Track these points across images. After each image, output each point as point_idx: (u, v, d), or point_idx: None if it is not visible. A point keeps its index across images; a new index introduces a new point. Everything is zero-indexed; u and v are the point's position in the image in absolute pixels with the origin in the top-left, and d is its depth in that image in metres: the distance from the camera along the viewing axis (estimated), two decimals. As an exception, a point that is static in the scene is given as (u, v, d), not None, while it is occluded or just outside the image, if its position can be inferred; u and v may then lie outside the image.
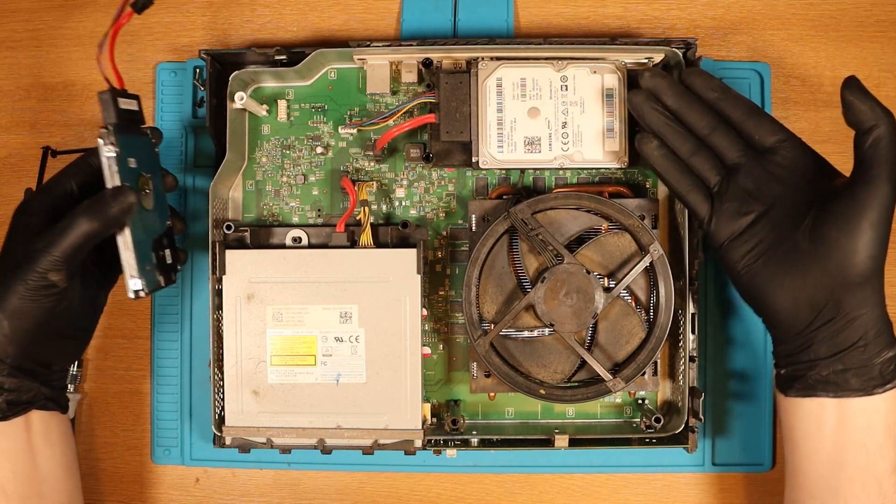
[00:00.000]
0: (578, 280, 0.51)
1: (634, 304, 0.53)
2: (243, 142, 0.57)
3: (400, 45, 0.53)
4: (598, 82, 0.53)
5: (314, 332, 0.52)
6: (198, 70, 0.57)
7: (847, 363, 0.44)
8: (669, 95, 0.48)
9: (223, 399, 0.53)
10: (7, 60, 0.60)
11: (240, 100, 0.53)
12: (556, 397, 0.52)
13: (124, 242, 0.46)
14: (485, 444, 0.54)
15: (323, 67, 0.57)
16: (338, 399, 0.52)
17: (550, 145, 0.53)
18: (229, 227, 0.54)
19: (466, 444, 0.54)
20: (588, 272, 0.51)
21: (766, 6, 0.59)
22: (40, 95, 0.60)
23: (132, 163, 0.47)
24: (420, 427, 0.52)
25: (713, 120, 0.48)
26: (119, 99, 0.47)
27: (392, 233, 0.55)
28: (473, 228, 0.54)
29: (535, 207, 0.52)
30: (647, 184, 0.56)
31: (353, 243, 0.54)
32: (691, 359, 0.53)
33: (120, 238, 0.46)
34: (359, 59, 0.55)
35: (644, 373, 0.53)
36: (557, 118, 0.53)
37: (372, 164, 0.57)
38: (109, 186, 0.45)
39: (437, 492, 0.58)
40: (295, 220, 0.57)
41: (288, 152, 0.57)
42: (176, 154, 0.58)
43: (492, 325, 0.52)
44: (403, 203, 0.57)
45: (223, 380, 0.53)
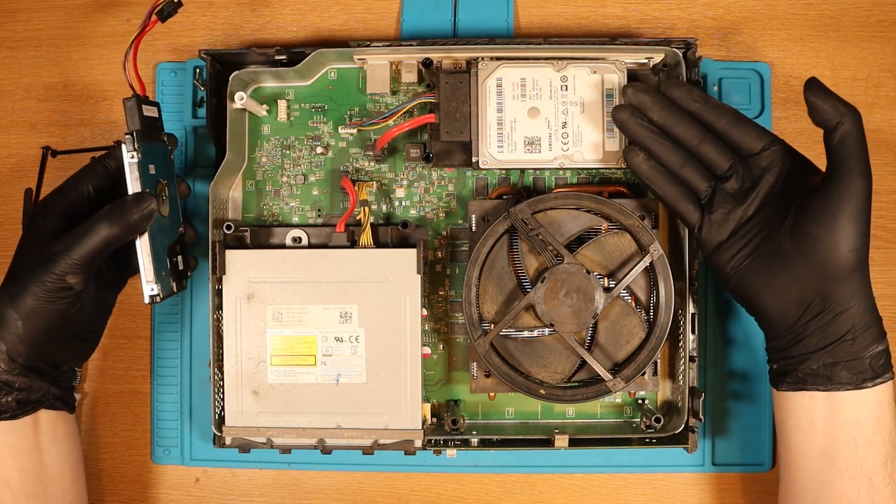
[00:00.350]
0: (578, 280, 0.51)
1: (634, 304, 0.53)
2: (243, 142, 0.57)
3: (400, 45, 0.53)
4: (598, 82, 0.53)
5: (314, 332, 0.52)
6: (198, 70, 0.57)
7: (836, 356, 0.45)
8: (654, 110, 0.48)
9: (223, 399, 0.53)
10: (7, 60, 0.60)
11: (240, 100, 0.53)
12: (556, 397, 0.52)
13: (143, 248, 0.47)
14: (485, 444, 0.54)
15: (323, 67, 0.57)
16: (338, 399, 0.52)
17: (550, 145, 0.53)
18: (229, 227, 0.54)
19: (466, 444, 0.54)
20: (588, 272, 0.51)
21: (766, 6, 0.59)
22: (40, 95, 0.60)
23: (151, 169, 0.48)
24: (420, 427, 0.52)
25: (700, 131, 0.48)
26: (143, 106, 0.47)
27: (392, 233, 0.55)
28: (473, 228, 0.54)
29: (535, 207, 0.52)
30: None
31: (353, 243, 0.54)
32: (691, 359, 0.53)
33: (139, 244, 0.47)
34: (359, 59, 0.55)
35: (644, 373, 0.53)
36: (557, 118, 0.53)
37: (372, 164, 0.57)
38: (131, 192, 0.46)
39: (437, 492, 0.58)
40: (295, 220, 0.57)
41: (288, 152, 0.57)
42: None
43: (492, 325, 0.52)
44: (403, 203, 0.57)
45: (223, 380, 0.53)
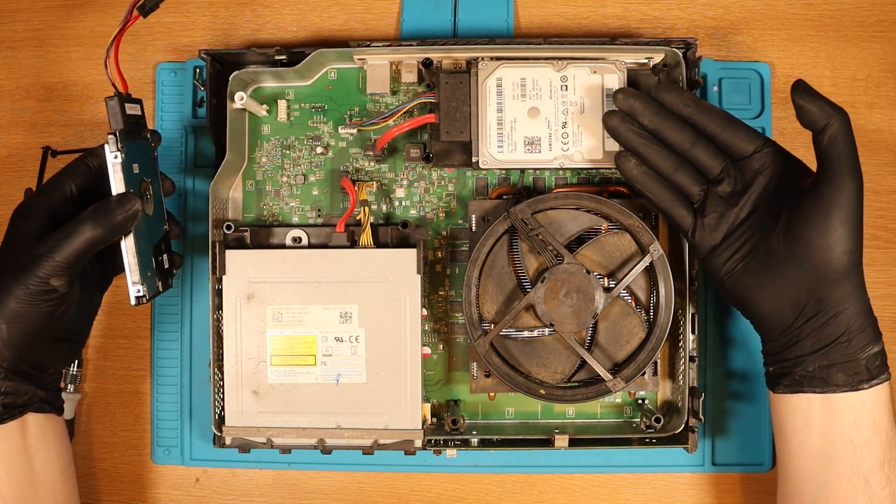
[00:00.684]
0: (578, 280, 0.51)
1: (634, 304, 0.53)
2: (243, 142, 0.57)
3: (400, 45, 0.53)
4: (598, 82, 0.53)
5: (314, 332, 0.52)
6: (198, 70, 0.57)
7: (832, 358, 0.45)
8: (645, 115, 0.48)
9: (223, 399, 0.53)
10: (7, 60, 0.60)
11: (240, 100, 0.53)
12: (556, 397, 0.52)
13: (128, 249, 0.46)
14: (485, 444, 0.54)
15: (323, 67, 0.57)
16: (338, 399, 0.52)
17: (550, 145, 0.53)
18: (229, 227, 0.54)
19: (466, 444, 0.54)
20: (588, 272, 0.51)
21: (766, 6, 0.59)
22: (40, 95, 0.60)
23: (135, 168, 0.47)
24: (420, 427, 0.52)
25: (691, 135, 0.48)
26: (125, 104, 0.47)
27: (392, 233, 0.55)
28: (473, 228, 0.54)
29: (535, 207, 0.52)
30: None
31: (353, 243, 0.54)
32: (691, 359, 0.53)
33: (124, 245, 0.46)
34: (359, 59, 0.55)
35: (644, 373, 0.53)
36: (557, 118, 0.53)
37: (372, 164, 0.57)
38: (115, 193, 0.45)
39: (437, 492, 0.58)
40: (295, 220, 0.57)
41: (288, 152, 0.57)
42: (176, 154, 0.58)
43: (492, 325, 0.52)
44: (403, 203, 0.57)
45: (223, 380, 0.53)
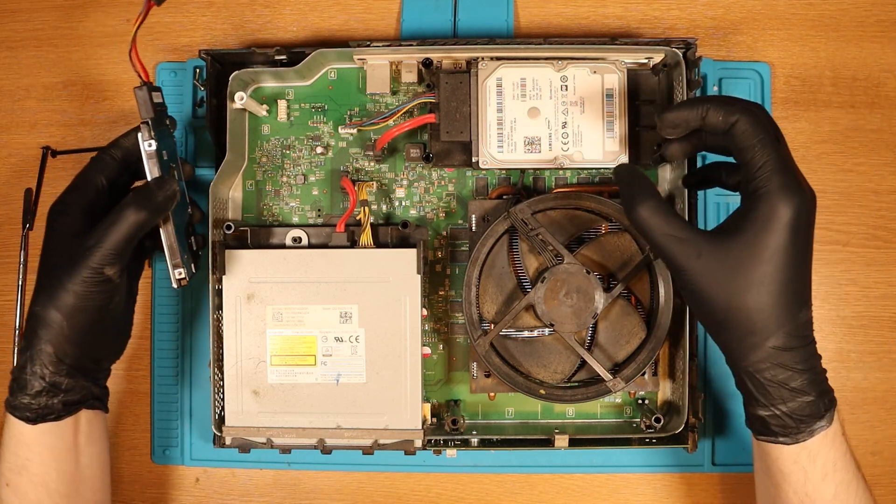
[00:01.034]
0: (578, 280, 0.51)
1: (634, 304, 0.53)
2: (243, 142, 0.57)
3: (400, 45, 0.53)
4: (598, 82, 0.53)
5: (314, 332, 0.52)
6: (198, 70, 0.57)
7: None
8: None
9: (223, 399, 0.53)
10: (7, 60, 0.60)
11: (240, 100, 0.53)
12: (556, 397, 0.52)
13: (167, 232, 0.48)
14: (485, 444, 0.54)
15: (323, 67, 0.57)
16: (338, 399, 0.52)
17: (550, 145, 0.53)
18: (229, 227, 0.54)
19: (466, 444, 0.54)
20: (588, 272, 0.51)
21: (766, 6, 0.59)
22: (40, 95, 0.60)
23: (164, 154, 0.48)
24: (420, 427, 0.52)
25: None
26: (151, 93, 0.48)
27: (392, 233, 0.55)
28: (473, 228, 0.54)
29: (535, 207, 0.52)
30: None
31: (353, 243, 0.54)
32: (691, 359, 0.53)
33: (163, 230, 0.48)
34: (359, 59, 0.55)
35: (644, 373, 0.53)
36: (557, 118, 0.53)
37: (372, 164, 0.57)
38: (150, 178, 0.47)
39: (437, 492, 0.58)
40: (295, 220, 0.57)
41: (288, 152, 0.57)
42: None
43: (492, 325, 0.52)
44: (403, 203, 0.57)
45: (223, 380, 0.53)
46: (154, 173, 0.47)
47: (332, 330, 0.52)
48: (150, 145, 0.46)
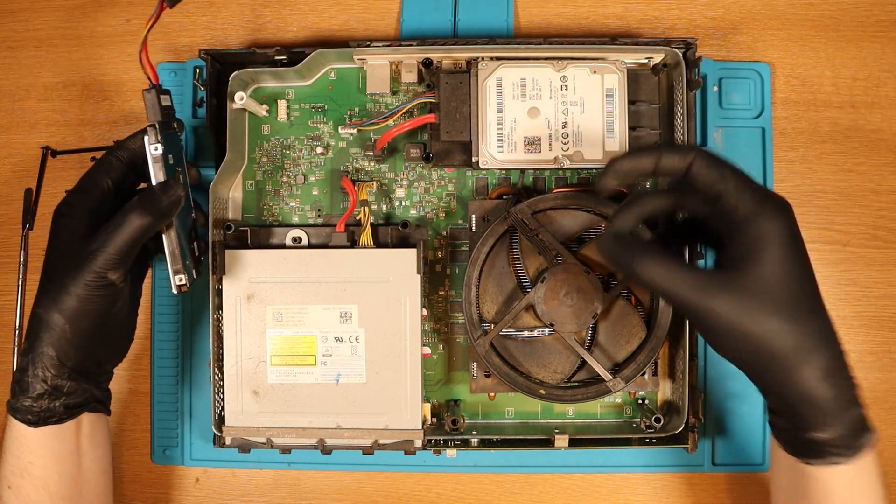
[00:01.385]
0: (578, 280, 0.51)
1: (634, 304, 0.53)
2: (243, 142, 0.57)
3: (400, 45, 0.53)
4: (598, 82, 0.53)
5: (314, 332, 0.52)
6: (198, 70, 0.57)
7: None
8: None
9: (223, 399, 0.53)
10: (7, 60, 0.60)
11: (240, 100, 0.53)
12: (556, 397, 0.52)
13: (169, 237, 0.47)
14: (485, 444, 0.54)
15: (323, 67, 0.57)
16: (338, 399, 0.52)
17: (550, 145, 0.53)
18: (229, 227, 0.54)
19: (466, 444, 0.54)
20: (588, 272, 0.51)
21: (766, 6, 0.59)
22: (40, 95, 0.60)
23: (170, 158, 0.48)
24: (420, 427, 0.52)
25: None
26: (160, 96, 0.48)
27: (392, 233, 0.55)
28: (473, 228, 0.54)
29: (535, 207, 0.52)
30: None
31: (353, 243, 0.54)
32: (691, 359, 0.53)
33: (165, 233, 0.47)
34: (359, 59, 0.55)
35: (644, 373, 0.53)
36: (557, 118, 0.53)
37: (372, 164, 0.57)
38: (155, 182, 0.46)
39: (437, 492, 0.58)
40: (295, 220, 0.57)
41: (288, 152, 0.57)
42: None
43: (492, 325, 0.52)
44: (403, 203, 0.57)
45: (223, 380, 0.53)
46: (159, 177, 0.46)
47: (332, 330, 0.52)
48: (157, 149, 0.46)
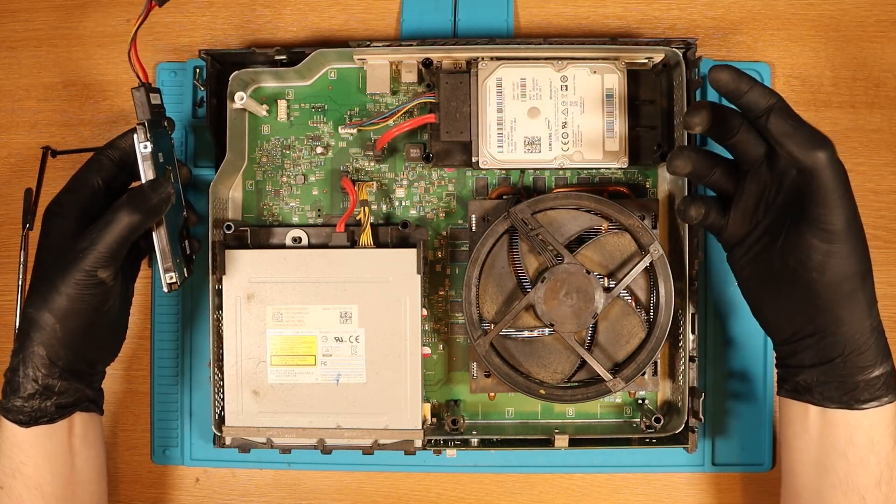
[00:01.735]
0: (578, 280, 0.51)
1: (634, 304, 0.53)
2: (243, 142, 0.57)
3: (400, 45, 0.53)
4: (598, 82, 0.53)
5: (314, 332, 0.52)
6: (198, 70, 0.57)
7: (829, 376, 0.44)
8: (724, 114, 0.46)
9: (223, 399, 0.53)
10: (7, 60, 0.60)
11: (240, 100, 0.53)
12: (556, 397, 0.52)
13: (159, 236, 0.47)
14: (485, 444, 0.54)
15: (323, 67, 0.57)
16: (338, 399, 0.52)
17: (550, 145, 0.53)
18: (229, 227, 0.54)
19: (466, 444, 0.54)
20: (588, 272, 0.51)
21: (766, 6, 0.59)
22: (40, 95, 0.60)
23: (160, 157, 0.48)
24: (420, 427, 0.52)
25: (732, 124, 0.45)
26: (149, 94, 0.48)
27: (392, 233, 0.55)
28: (473, 228, 0.54)
29: (535, 207, 0.52)
30: (647, 184, 0.56)
31: (353, 243, 0.54)
32: (691, 359, 0.53)
33: (155, 233, 0.47)
34: (359, 59, 0.55)
35: (644, 373, 0.53)
36: (557, 118, 0.53)
37: (372, 164, 0.57)
38: (145, 180, 0.46)
39: (437, 492, 0.58)
40: (295, 220, 0.57)
41: (288, 152, 0.57)
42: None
43: (492, 325, 0.52)
44: (403, 203, 0.57)
45: (223, 380, 0.53)
46: (149, 175, 0.46)
47: (332, 330, 0.52)
48: (146, 147, 0.46)
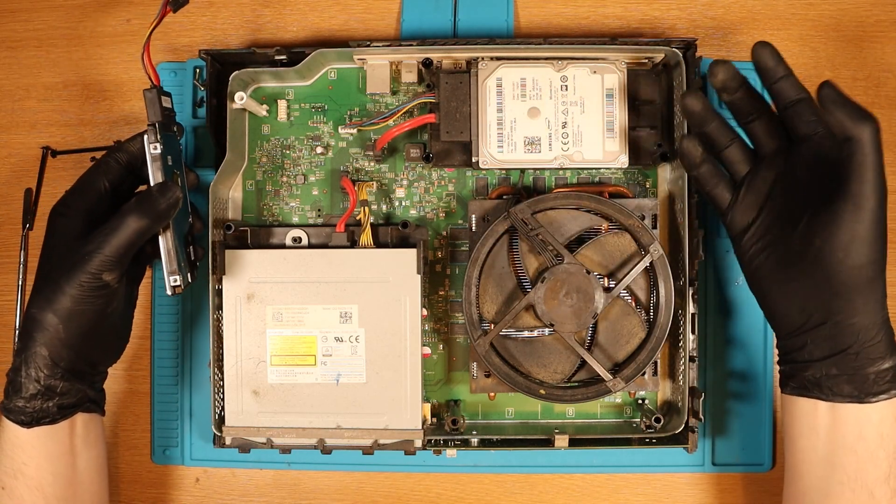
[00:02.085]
0: (578, 280, 0.51)
1: (634, 304, 0.53)
2: (243, 142, 0.57)
3: (400, 45, 0.53)
4: (598, 82, 0.53)
5: (314, 332, 0.52)
6: (198, 70, 0.57)
7: (840, 368, 0.44)
8: (733, 88, 0.47)
9: (223, 399, 0.53)
10: (7, 60, 0.60)
11: (240, 100, 0.53)
12: (556, 397, 0.52)
13: (165, 239, 0.47)
14: (485, 444, 0.54)
15: (323, 67, 0.57)
16: (338, 399, 0.52)
17: (550, 145, 0.53)
18: (229, 227, 0.54)
19: (466, 444, 0.54)
20: (588, 272, 0.51)
21: (766, 6, 0.59)
22: (40, 95, 0.60)
23: (169, 160, 0.48)
24: (420, 427, 0.52)
25: (757, 106, 0.46)
26: (161, 97, 0.48)
27: (392, 233, 0.55)
28: (473, 228, 0.54)
29: (535, 207, 0.52)
30: (647, 184, 0.56)
31: (353, 243, 0.54)
32: (691, 359, 0.53)
33: (162, 234, 0.47)
34: (359, 59, 0.55)
35: (644, 373, 0.53)
36: (557, 118, 0.53)
37: (372, 164, 0.57)
38: (153, 183, 0.46)
39: (437, 492, 0.58)
40: (295, 220, 0.57)
41: (288, 152, 0.57)
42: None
43: (492, 325, 0.52)
44: (403, 203, 0.57)
45: (223, 380, 0.53)
46: (157, 178, 0.46)
47: (332, 330, 0.52)
48: (156, 148, 0.46)
